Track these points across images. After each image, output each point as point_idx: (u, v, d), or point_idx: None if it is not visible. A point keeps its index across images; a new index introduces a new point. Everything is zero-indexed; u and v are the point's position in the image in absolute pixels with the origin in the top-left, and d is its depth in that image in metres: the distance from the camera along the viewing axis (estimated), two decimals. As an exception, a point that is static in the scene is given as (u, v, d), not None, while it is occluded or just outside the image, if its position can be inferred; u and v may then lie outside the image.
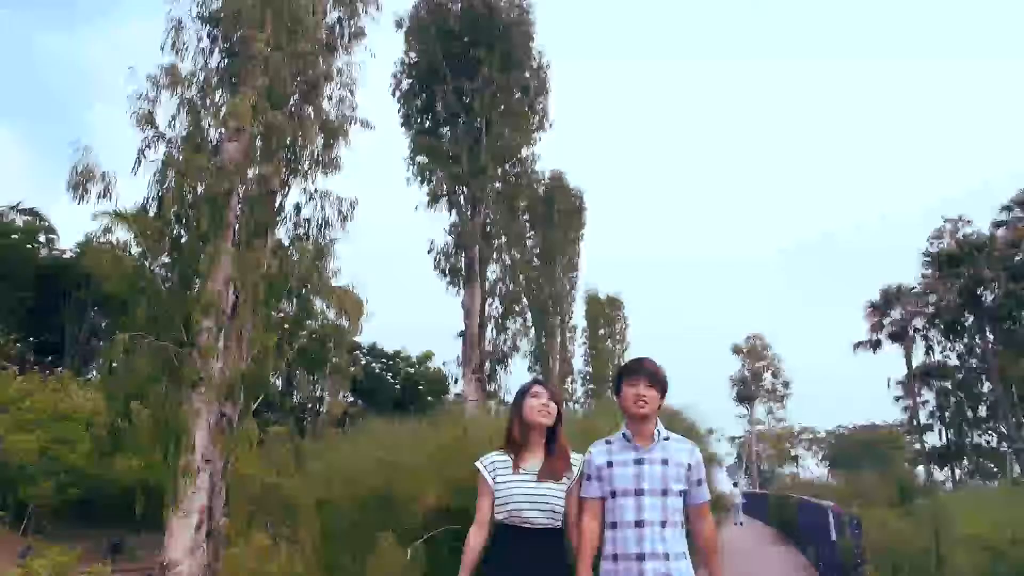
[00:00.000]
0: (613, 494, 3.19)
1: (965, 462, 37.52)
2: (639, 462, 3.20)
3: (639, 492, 3.15)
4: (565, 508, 3.27)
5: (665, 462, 3.20)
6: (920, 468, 37.21)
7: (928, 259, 34.22)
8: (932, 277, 33.60)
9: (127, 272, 10.20)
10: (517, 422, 3.39)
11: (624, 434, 3.31)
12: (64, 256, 27.70)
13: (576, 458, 3.38)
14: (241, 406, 10.70)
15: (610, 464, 3.24)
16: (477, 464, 3.40)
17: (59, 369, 22.53)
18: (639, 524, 3.11)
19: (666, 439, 3.28)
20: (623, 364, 3.49)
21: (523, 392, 3.47)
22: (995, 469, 37.11)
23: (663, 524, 3.12)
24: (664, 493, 3.15)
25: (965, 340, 34.85)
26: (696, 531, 3.31)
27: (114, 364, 10.48)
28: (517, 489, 3.23)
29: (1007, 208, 31.94)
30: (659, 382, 3.31)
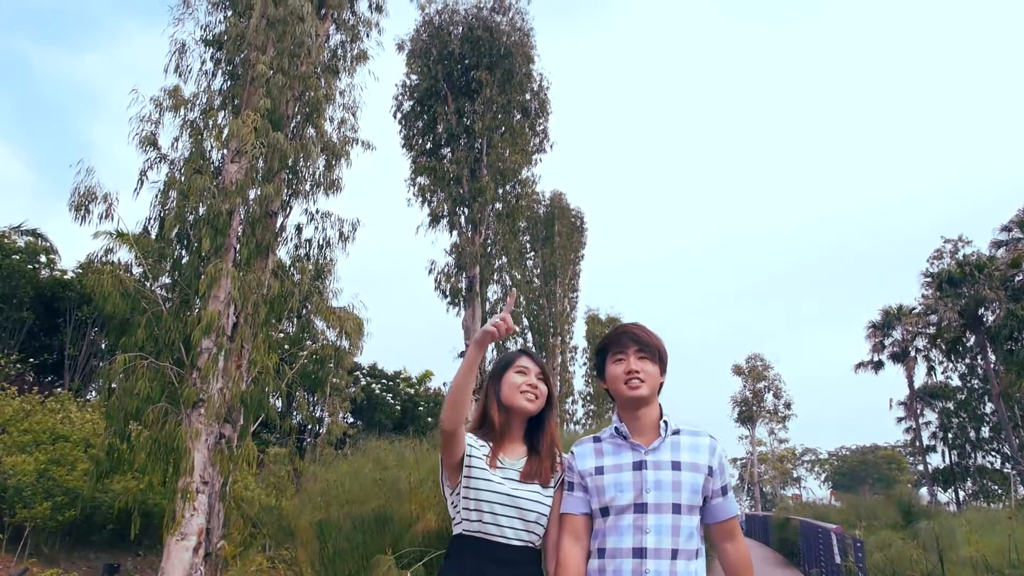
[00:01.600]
0: (604, 511, 2.33)
1: (968, 483, 37.24)
2: (640, 466, 2.33)
3: (640, 508, 2.27)
4: (547, 521, 2.43)
5: (676, 465, 2.31)
6: (923, 489, 36.95)
7: (928, 279, 34.22)
8: (932, 297, 33.57)
9: (128, 292, 10.21)
10: (495, 404, 2.54)
11: (617, 428, 2.43)
12: (65, 276, 27.74)
13: (565, 457, 2.59)
14: (240, 427, 10.67)
15: (600, 470, 2.37)
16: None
17: (58, 389, 22.44)
18: (640, 554, 2.23)
19: (675, 432, 2.40)
20: (604, 337, 2.58)
21: (505, 365, 2.59)
22: (999, 490, 36.81)
23: (674, 554, 2.23)
24: (676, 509, 2.26)
25: (967, 360, 34.78)
26: (721, 556, 2.44)
27: (113, 385, 10.47)
28: (494, 488, 2.36)
29: (1006, 228, 32.00)
30: (654, 351, 2.44)
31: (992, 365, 31.42)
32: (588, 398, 37.23)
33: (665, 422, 2.42)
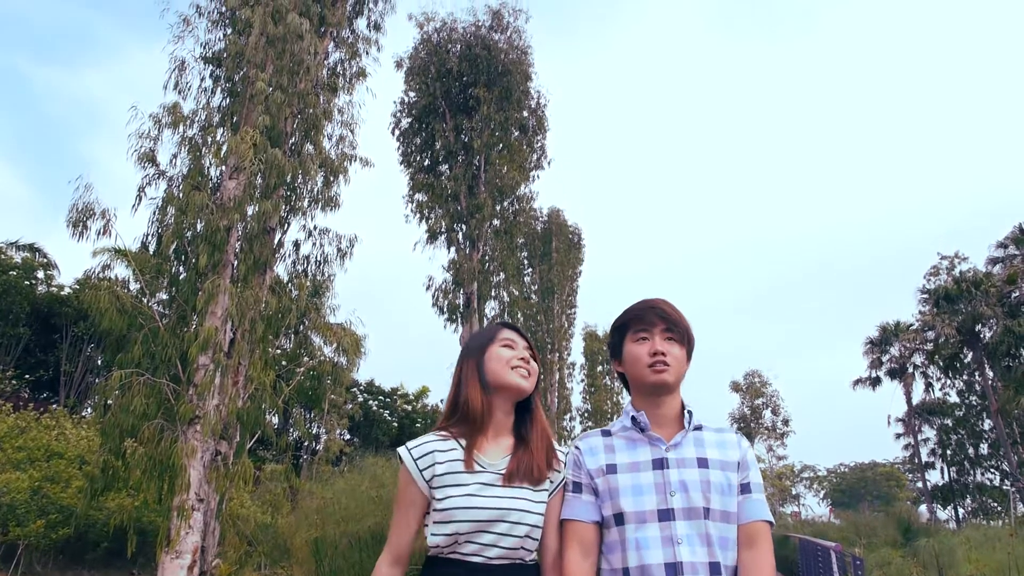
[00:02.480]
0: (619, 519, 1.94)
1: (968, 500, 37.11)
2: (661, 464, 1.98)
3: (666, 515, 1.91)
4: (543, 535, 2.01)
5: (703, 462, 1.98)
6: (923, 507, 36.82)
7: (925, 296, 34.29)
8: (930, 314, 33.62)
9: (125, 308, 10.20)
10: (475, 387, 2.07)
11: (635, 418, 2.06)
12: (62, 292, 27.70)
13: (563, 452, 2.15)
14: (236, 444, 10.62)
15: (612, 468, 2.00)
16: (402, 452, 2.04)
17: (54, 406, 22.36)
18: (674, 570, 1.85)
19: (697, 428, 2.08)
20: (624, 311, 2.20)
21: (486, 340, 2.15)
22: (998, 508, 36.68)
23: (715, 569, 1.88)
24: (707, 515, 1.91)
25: (964, 377, 34.77)
26: (744, 567, 1.93)
27: (109, 401, 10.42)
28: (473, 497, 1.93)
29: (1003, 245, 32.13)
30: (683, 333, 2.11)
31: (990, 382, 31.41)
32: (586, 415, 37.14)
33: (689, 413, 2.08)
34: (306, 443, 28.16)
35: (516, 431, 2.10)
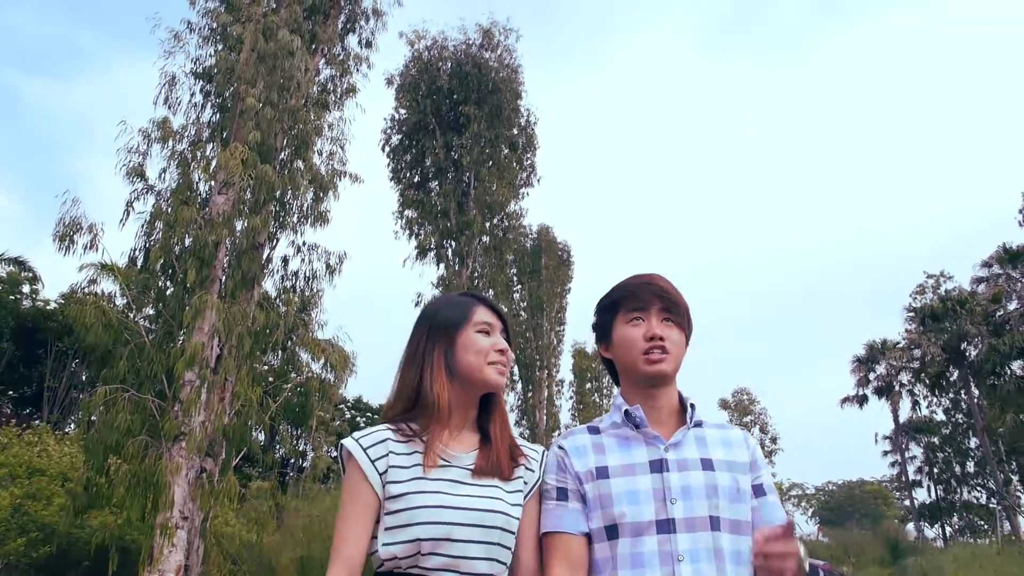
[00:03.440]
0: (612, 531, 1.64)
1: (955, 518, 37.21)
2: (659, 466, 1.67)
3: (666, 526, 1.61)
4: (518, 548, 1.67)
5: (707, 463, 1.69)
6: (910, 525, 36.87)
7: (911, 314, 34.56)
8: (916, 332, 33.87)
9: (110, 323, 10.13)
10: (442, 377, 1.72)
11: (629, 412, 1.75)
12: (47, 307, 27.46)
13: (535, 451, 1.81)
14: (222, 461, 10.52)
15: (603, 471, 1.69)
16: (348, 443, 1.68)
17: (36, 422, 22.08)
18: None
19: (698, 424, 1.78)
20: (614, 287, 1.89)
21: (458, 320, 1.78)
22: (985, 526, 36.78)
23: None
24: (714, 524, 1.62)
25: (951, 395, 34.98)
26: None
27: (93, 418, 10.32)
28: (440, 495, 1.60)
29: (987, 264, 32.47)
30: (683, 315, 1.81)
31: (976, 400, 31.61)
32: (575, 432, 36.99)
33: (690, 406, 1.78)
34: (293, 460, 27.93)
35: (480, 425, 1.79)
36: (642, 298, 1.78)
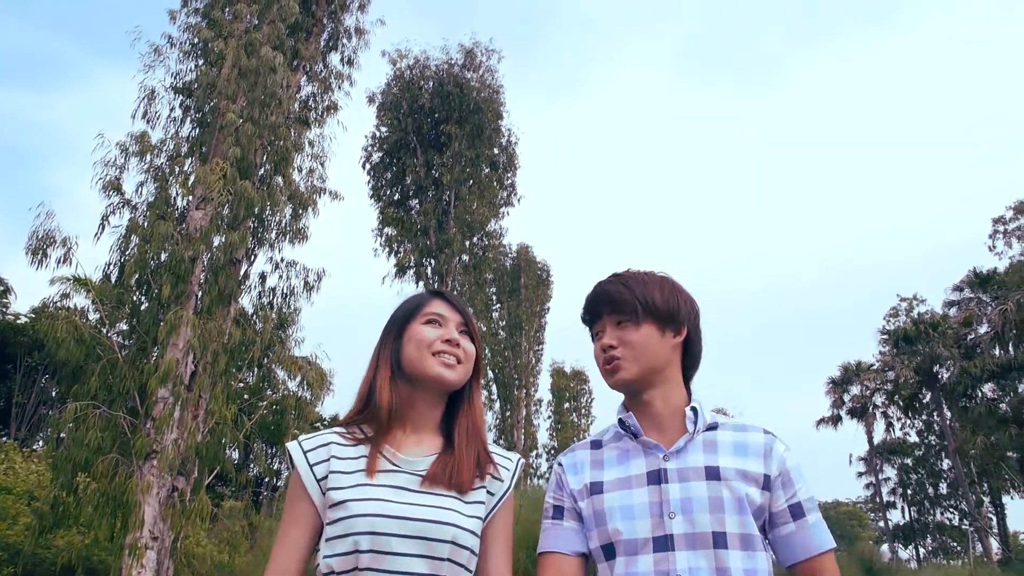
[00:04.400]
0: (609, 551, 1.52)
1: (928, 540, 37.50)
2: (658, 477, 1.54)
3: (663, 543, 1.47)
4: (486, 565, 1.54)
5: (713, 472, 1.52)
6: (885, 546, 37.09)
7: (885, 336, 35.02)
8: (889, 354, 34.31)
9: (82, 339, 9.97)
10: (384, 372, 1.61)
11: (622, 420, 1.63)
12: (18, 320, 26.96)
13: (508, 459, 1.66)
14: (194, 480, 10.36)
15: (598, 487, 1.58)
16: (290, 447, 1.59)
17: (3, 439, 21.60)
18: None
19: (711, 428, 1.62)
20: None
21: (408, 313, 1.67)
22: (957, 547, 37.12)
23: None
24: (719, 542, 1.47)
25: (924, 416, 35.41)
26: None
27: (62, 434, 10.13)
28: (381, 503, 1.45)
29: (958, 288, 33.03)
30: (636, 308, 1.62)
31: (948, 421, 32.01)
32: (553, 452, 36.94)
33: (694, 409, 1.61)
34: (267, 479, 27.53)
35: (445, 428, 1.63)
36: (593, 311, 1.70)
